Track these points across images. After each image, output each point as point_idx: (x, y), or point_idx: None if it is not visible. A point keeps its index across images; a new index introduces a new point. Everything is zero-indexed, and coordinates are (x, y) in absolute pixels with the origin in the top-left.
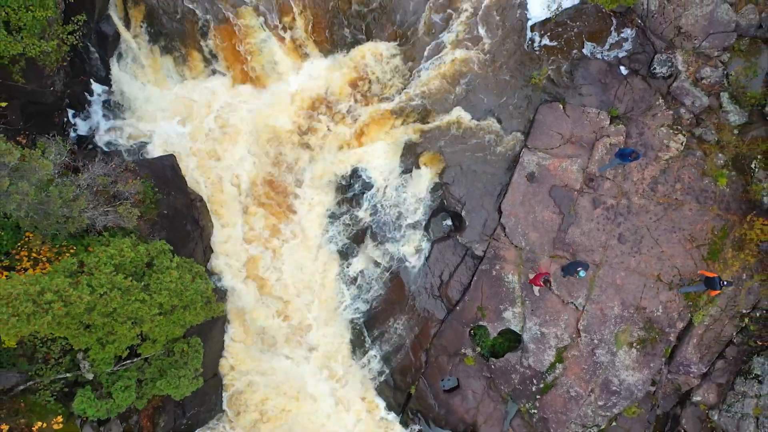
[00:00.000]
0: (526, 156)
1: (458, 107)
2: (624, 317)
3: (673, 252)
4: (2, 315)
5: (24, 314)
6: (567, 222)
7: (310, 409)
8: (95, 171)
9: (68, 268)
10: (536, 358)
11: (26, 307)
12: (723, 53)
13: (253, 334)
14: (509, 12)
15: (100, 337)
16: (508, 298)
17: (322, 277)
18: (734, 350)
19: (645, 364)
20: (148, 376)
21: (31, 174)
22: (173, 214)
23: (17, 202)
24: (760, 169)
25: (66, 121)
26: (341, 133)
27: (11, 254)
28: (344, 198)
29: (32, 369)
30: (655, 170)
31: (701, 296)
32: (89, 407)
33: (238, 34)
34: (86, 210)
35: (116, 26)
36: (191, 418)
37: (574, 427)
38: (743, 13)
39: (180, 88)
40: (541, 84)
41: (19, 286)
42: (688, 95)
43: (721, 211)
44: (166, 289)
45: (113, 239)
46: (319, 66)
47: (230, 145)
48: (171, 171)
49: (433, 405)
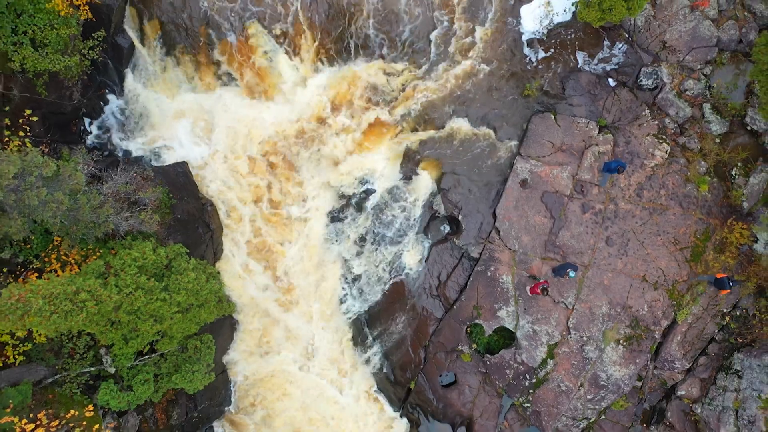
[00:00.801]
0: (519, 163)
1: (456, 117)
2: (611, 316)
3: (658, 254)
4: (45, 312)
5: (62, 312)
6: (557, 226)
7: (314, 404)
8: (118, 180)
9: (97, 269)
10: (529, 355)
11: (65, 305)
12: (705, 66)
13: (260, 332)
14: (504, 28)
15: (124, 334)
16: (502, 297)
17: (326, 277)
18: (716, 347)
19: (631, 360)
20: (164, 371)
21: (65, 184)
22: (186, 218)
23: (53, 210)
24: (740, 175)
25: (83, 129)
26: (345, 141)
27: (41, 257)
28: (347, 203)
29: (59, 363)
30: (641, 177)
31: (693, 297)
32: (112, 399)
33: (247, 47)
34: (111, 216)
35: (131, 39)
36: (202, 412)
37: (565, 419)
38: (724, 29)
39: (191, 97)
40: (534, 95)
41: (59, 286)
42: (672, 106)
43: (703, 216)
44: (184, 289)
45: (135, 243)
46: (324, 78)
47: (239, 152)
48: (183, 177)
49: (431, 399)
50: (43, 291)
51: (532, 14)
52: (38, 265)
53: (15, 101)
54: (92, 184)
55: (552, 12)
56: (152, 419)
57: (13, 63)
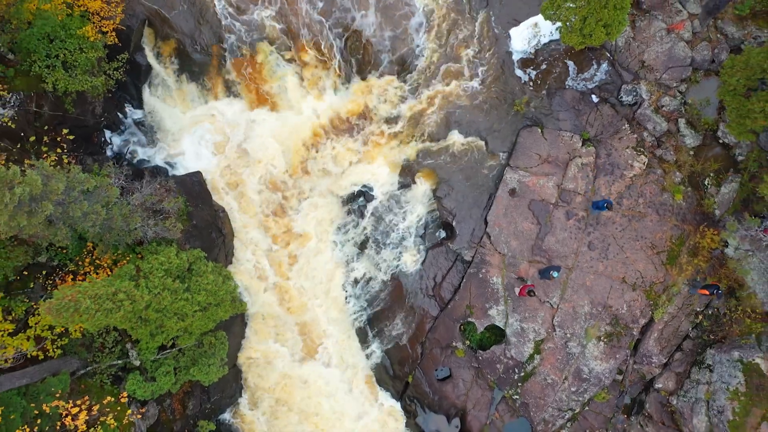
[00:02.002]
0: (508, 174)
1: (451, 130)
2: (593, 314)
3: (636, 257)
4: (90, 310)
5: (104, 310)
6: (544, 231)
7: (318, 396)
8: (144, 191)
9: (129, 272)
10: (517, 350)
11: (107, 304)
12: (681, 84)
13: (269, 329)
14: (496, 48)
15: (151, 330)
16: (492, 297)
17: (330, 279)
18: (690, 343)
19: (611, 356)
20: (182, 364)
21: (101, 197)
22: (201, 225)
23: (92, 220)
24: (712, 185)
25: (103, 140)
26: (348, 152)
27: (75, 261)
28: (350, 209)
29: (90, 356)
30: (620, 186)
31: (669, 298)
32: (138, 388)
33: (256, 65)
34: (140, 224)
35: (148, 58)
36: (214, 403)
37: (551, 411)
38: (698, 50)
39: (203, 111)
40: (523, 110)
41: (101, 288)
42: (650, 121)
43: (678, 222)
44: (204, 290)
45: (160, 248)
46: (328, 94)
47: (249, 161)
48: (198, 186)
49: (428, 392)
50: (89, 292)
51: (521, 35)
52: (73, 268)
53: (45, 117)
54: (121, 196)
55: (539, 33)
56: (170, 409)
57: (46, 84)
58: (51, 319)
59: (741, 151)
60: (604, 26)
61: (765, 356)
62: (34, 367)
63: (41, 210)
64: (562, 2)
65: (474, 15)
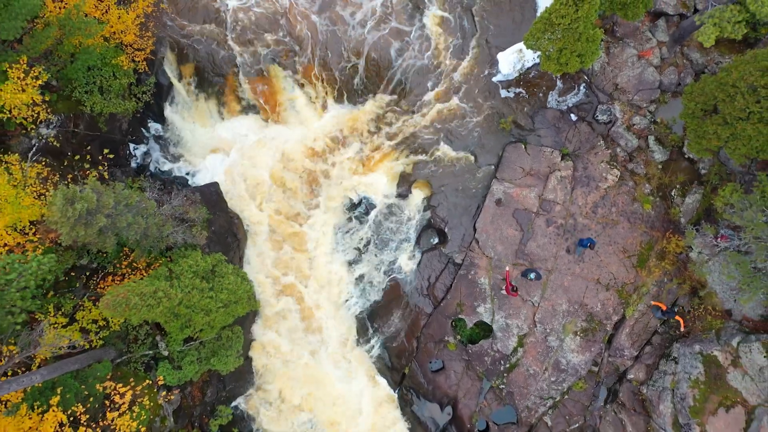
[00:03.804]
0: (495, 185)
1: (443, 145)
2: (570, 312)
3: (610, 261)
4: (138, 305)
5: (148, 306)
6: (526, 237)
7: (323, 386)
8: (174, 203)
9: (163, 274)
10: (503, 344)
11: (150, 301)
12: (650, 104)
13: (277, 325)
14: (484, 71)
15: (182, 323)
16: (480, 296)
17: (334, 279)
18: (658, 338)
19: (587, 349)
20: (203, 355)
21: (141, 209)
22: (219, 230)
23: (135, 230)
24: (678, 196)
25: (129, 153)
26: (350, 164)
27: (113, 263)
28: (352, 216)
29: (125, 347)
30: (596, 197)
31: (639, 297)
32: (168, 375)
33: (268, 85)
34: (171, 232)
35: (170, 78)
36: (229, 392)
37: (533, 399)
38: (666, 74)
39: (220, 126)
40: (508, 128)
41: (145, 287)
42: (623, 138)
43: (647, 229)
44: (226, 289)
45: (187, 252)
46: (333, 111)
47: (260, 171)
48: (215, 195)
49: (423, 382)
50: (136, 290)
51: (507, 60)
52: (111, 270)
53: (80, 134)
54: (156, 208)
55: (524, 58)
56: (190, 396)
57: (85, 107)
58: (107, 312)
59: (704, 165)
60: (579, 56)
61: (722, 349)
62: (83, 355)
63: (96, 222)
64: (541, 35)
65: (466, 41)
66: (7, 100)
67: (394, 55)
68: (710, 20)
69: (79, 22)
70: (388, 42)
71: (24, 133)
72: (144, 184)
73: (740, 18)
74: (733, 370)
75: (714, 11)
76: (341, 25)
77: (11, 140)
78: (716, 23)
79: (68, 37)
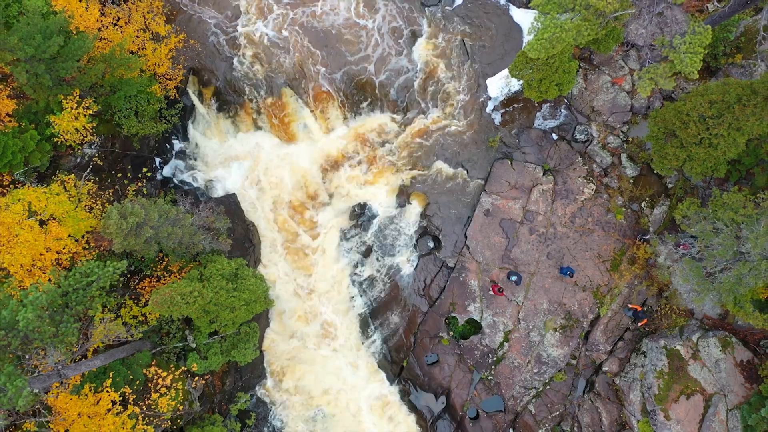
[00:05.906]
0: (484, 198)
1: (438, 161)
2: (550, 310)
3: (586, 265)
4: (179, 303)
5: (186, 303)
6: (511, 244)
7: (328, 377)
8: (202, 215)
9: (196, 276)
10: (491, 339)
11: (189, 299)
12: (623, 125)
13: (288, 321)
14: (475, 94)
15: (210, 319)
16: (470, 296)
17: (339, 281)
18: (630, 334)
19: (565, 343)
20: (225, 348)
21: (179, 221)
22: (238, 237)
23: (173, 240)
24: (647, 207)
25: (155, 167)
26: (354, 176)
27: (150, 267)
28: (355, 224)
29: (158, 339)
30: (574, 208)
31: (612, 297)
32: (196, 364)
33: (280, 106)
34: (201, 240)
35: (192, 99)
36: (245, 382)
37: (518, 388)
38: (637, 98)
39: (235, 142)
40: (496, 146)
41: (185, 288)
42: (598, 155)
43: (620, 237)
44: (247, 289)
45: (214, 257)
46: (339, 129)
47: (273, 182)
48: (234, 205)
49: (419, 375)
50: (178, 290)
51: (496, 84)
52: (148, 272)
53: (115, 152)
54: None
55: (510, 83)
56: (211, 385)
57: (122, 129)
58: (156, 309)
59: (671, 180)
60: (557, 85)
61: (684, 344)
62: (126, 345)
63: (143, 233)
64: (523, 66)
65: (459, 67)
66: (63, 127)
67: (394, 79)
68: (646, 75)
69: (123, 58)
70: (388, 67)
71: (71, 153)
72: (176, 197)
73: (670, 73)
74: (693, 362)
75: (649, 68)
76: (345, 53)
77: (62, 160)
78: (651, 77)
79: (112, 71)
